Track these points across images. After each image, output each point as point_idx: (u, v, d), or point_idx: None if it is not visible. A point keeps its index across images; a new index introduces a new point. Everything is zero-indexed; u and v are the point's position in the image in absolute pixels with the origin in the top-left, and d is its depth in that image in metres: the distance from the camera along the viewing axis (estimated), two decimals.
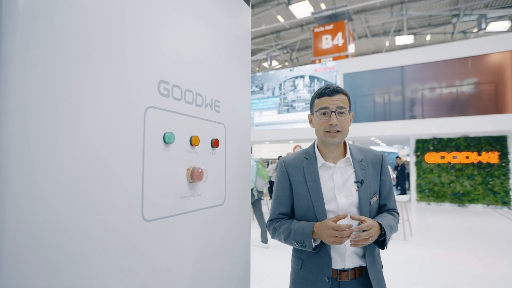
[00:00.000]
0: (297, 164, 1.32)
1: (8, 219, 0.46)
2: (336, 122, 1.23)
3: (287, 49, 19.21)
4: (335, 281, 1.23)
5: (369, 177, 1.28)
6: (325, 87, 1.29)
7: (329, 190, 1.26)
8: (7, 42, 0.48)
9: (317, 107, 1.28)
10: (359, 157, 1.32)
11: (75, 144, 0.57)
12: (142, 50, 0.71)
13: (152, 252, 0.71)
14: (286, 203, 1.33)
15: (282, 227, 1.28)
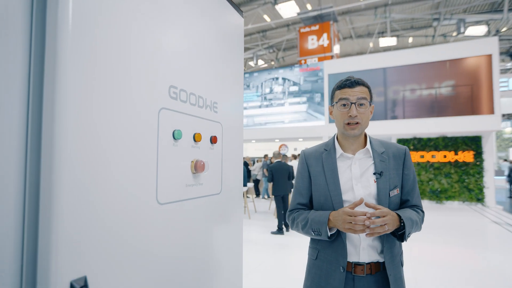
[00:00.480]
0: (316, 155, 1.33)
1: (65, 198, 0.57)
2: (356, 114, 1.20)
3: (273, 49, 19.36)
4: (349, 275, 1.20)
5: (389, 169, 1.24)
6: (346, 78, 1.27)
7: (346, 180, 1.24)
8: (61, 58, 0.59)
9: (337, 98, 1.26)
10: (380, 149, 1.28)
11: (111, 141, 0.68)
12: (157, 62, 0.82)
13: (165, 230, 0.83)
14: (305, 193, 1.33)
15: (300, 217, 1.28)
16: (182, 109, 0.92)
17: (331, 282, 1.20)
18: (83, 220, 0.62)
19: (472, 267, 4.27)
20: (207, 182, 1.04)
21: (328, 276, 1.21)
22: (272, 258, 4.69)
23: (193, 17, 0.99)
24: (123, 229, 0.70)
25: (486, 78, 9.42)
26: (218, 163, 1.11)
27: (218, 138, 1.11)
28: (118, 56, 0.71)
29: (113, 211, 0.68)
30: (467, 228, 6.78)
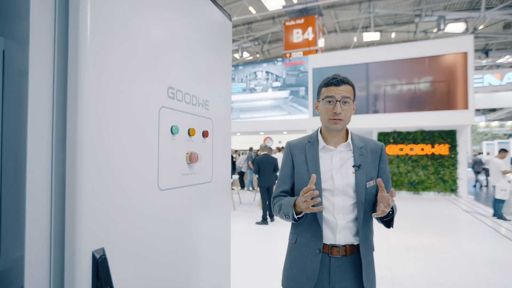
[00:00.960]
0: (300, 146, 1.41)
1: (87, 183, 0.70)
2: (340, 111, 1.29)
3: (259, 41, 19.37)
4: (326, 256, 1.30)
5: (367, 163, 1.34)
6: (332, 77, 1.34)
7: (327, 170, 1.33)
8: (81, 66, 0.71)
9: (323, 95, 1.34)
10: (359, 144, 1.38)
11: (122, 135, 0.80)
12: (158, 66, 0.94)
13: (165, 212, 0.97)
14: (288, 181, 1.42)
15: (278, 203, 1.39)
16: (179, 107, 1.04)
17: (308, 263, 1.30)
18: (100, 200, 0.74)
19: (442, 252, 4.60)
20: (200, 171, 1.17)
21: (305, 257, 1.32)
22: (257, 247, 4.87)
23: (188, 28, 1.12)
24: (131, 210, 0.84)
25: (462, 74, 9.84)
26: (209, 154, 1.24)
27: (209, 132, 1.24)
28: (128, 62, 0.83)
29: (123, 195, 0.81)
30: (440, 217, 7.18)
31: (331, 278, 1.29)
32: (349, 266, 1.30)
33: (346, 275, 1.29)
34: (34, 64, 0.68)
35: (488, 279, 3.55)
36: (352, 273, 1.30)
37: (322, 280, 1.30)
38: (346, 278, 1.29)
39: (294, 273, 1.36)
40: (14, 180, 0.74)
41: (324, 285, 1.30)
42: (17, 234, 0.74)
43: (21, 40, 0.75)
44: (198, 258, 1.17)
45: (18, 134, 0.73)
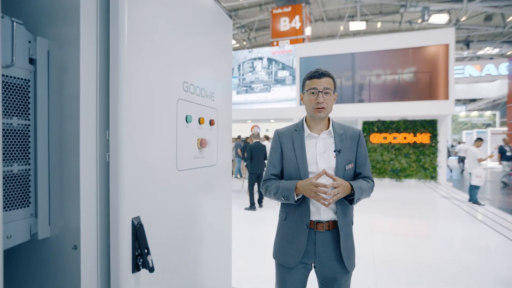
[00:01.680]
0: (287, 134, 1.54)
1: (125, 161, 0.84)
2: (322, 101, 1.42)
3: (245, 28, 19.27)
4: (312, 231, 1.46)
5: (346, 148, 1.49)
6: (315, 70, 1.48)
7: (312, 155, 1.47)
8: (120, 65, 0.85)
9: (307, 87, 1.48)
10: (339, 131, 1.52)
11: (150, 124, 0.95)
12: (177, 63, 1.09)
13: (182, 189, 1.13)
14: (277, 166, 1.54)
15: (273, 185, 1.49)
16: (191, 99, 1.19)
17: (297, 236, 1.46)
18: (135, 178, 0.89)
19: (421, 235, 4.93)
20: (208, 155, 1.33)
21: (294, 232, 1.47)
22: (247, 231, 5.09)
23: (198, 33, 1.27)
24: (158, 187, 0.99)
25: (443, 66, 10.18)
26: (215, 141, 1.40)
27: (215, 121, 1.39)
28: (153, 60, 0.97)
29: (152, 174, 0.96)
30: (420, 202, 7.57)
31: (316, 250, 1.46)
32: (331, 239, 1.46)
33: (329, 246, 1.46)
34: (83, 63, 0.81)
35: (462, 259, 3.88)
36: (333, 244, 1.47)
37: (309, 252, 1.47)
38: (328, 249, 1.46)
39: (284, 246, 1.51)
40: (63, 162, 0.88)
41: (310, 255, 1.47)
42: (62, 210, 0.89)
43: (62, 41, 0.88)
44: (207, 227, 1.34)
45: (67, 119, 0.87)
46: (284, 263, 1.50)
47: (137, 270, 0.88)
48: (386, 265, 3.59)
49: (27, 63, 0.85)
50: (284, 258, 1.50)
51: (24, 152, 0.85)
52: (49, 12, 0.90)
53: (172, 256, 1.09)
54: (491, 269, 3.51)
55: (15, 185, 0.83)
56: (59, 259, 0.88)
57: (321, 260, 1.47)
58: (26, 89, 0.86)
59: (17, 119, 0.84)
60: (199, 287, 1.30)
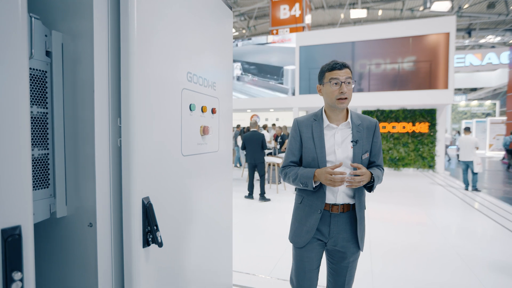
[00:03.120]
0: (307, 123, 1.59)
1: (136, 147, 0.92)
2: (346, 91, 1.46)
3: (245, 16, 19.09)
4: (327, 213, 1.55)
5: (363, 138, 1.54)
6: (334, 62, 1.52)
7: (330, 145, 1.54)
8: (130, 57, 0.92)
9: (328, 78, 1.50)
10: (357, 122, 1.57)
11: (158, 113, 1.02)
12: (181, 55, 1.16)
13: (187, 172, 1.22)
14: (296, 153, 1.61)
15: (292, 172, 1.57)
16: (195, 88, 1.26)
17: (309, 220, 1.56)
18: (145, 161, 0.98)
19: (416, 221, 5.06)
20: (210, 142, 1.41)
21: (307, 215, 1.57)
22: (247, 218, 5.22)
23: (200, 23, 1.33)
24: (165, 170, 1.08)
25: (443, 55, 10.16)
26: (216, 128, 1.48)
27: (217, 109, 1.47)
28: (161, 54, 1.04)
29: (160, 158, 1.05)
30: (417, 191, 7.70)
31: (331, 230, 1.55)
32: (345, 221, 1.56)
33: (343, 228, 1.56)
34: (97, 54, 0.88)
35: (457, 246, 4.01)
36: (347, 226, 1.56)
37: (323, 233, 1.56)
38: (342, 230, 1.56)
39: (296, 227, 1.62)
40: (78, 147, 0.96)
41: (325, 236, 1.56)
42: (77, 190, 0.97)
43: (75, 35, 0.95)
44: (210, 208, 1.44)
45: (75, 107, 0.94)
46: (296, 243, 1.60)
47: (147, 245, 0.97)
48: (381, 251, 3.71)
49: (44, 55, 0.92)
50: (295, 239, 1.60)
51: (43, 138, 0.93)
52: (63, 7, 0.96)
53: (179, 232, 1.19)
54: (484, 255, 3.63)
55: (36, 167, 0.91)
56: (76, 236, 0.97)
57: (335, 240, 1.56)
58: (44, 79, 0.93)
59: (37, 107, 0.91)
60: (201, 265, 1.40)
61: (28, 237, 0.65)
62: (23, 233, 0.64)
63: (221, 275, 1.60)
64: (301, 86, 11.93)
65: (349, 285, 1.64)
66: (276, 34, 14.19)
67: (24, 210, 0.65)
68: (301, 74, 11.88)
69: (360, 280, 2.94)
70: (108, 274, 0.95)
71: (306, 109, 12.95)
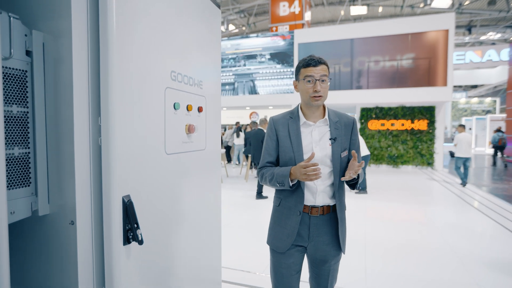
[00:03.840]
0: (283, 122, 1.53)
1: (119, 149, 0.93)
2: (320, 89, 1.41)
3: (245, 13, 19.03)
4: (306, 215, 1.48)
5: (341, 136, 1.50)
6: (310, 58, 1.44)
7: (308, 143, 1.48)
8: (109, 56, 0.92)
9: (303, 75, 1.44)
10: (334, 119, 1.52)
11: (139, 110, 1.03)
12: (164, 54, 1.16)
13: (171, 171, 1.23)
14: (273, 153, 1.55)
15: (268, 172, 1.51)
16: (179, 87, 1.27)
17: (289, 222, 1.49)
18: (126, 160, 0.99)
19: (412, 219, 5.07)
20: (196, 140, 1.42)
21: (287, 218, 1.50)
22: (242, 217, 5.23)
23: (186, 19, 1.32)
24: (148, 168, 1.09)
25: (442, 52, 10.14)
26: (203, 126, 1.48)
27: (203, 107, 1.47)
28: (143, 53, 1.05)
29: (141, 156, 1.06)
30: (415, 188, 7.71)
31: (311, 234, 1.49)
32: (325, 223, 1.50)
33: (323, 231, 1.49)
34: (75, 54, 0.89)
35: (452, 243, 4.02)
36: (328, 228, 1.50)
37: (303, 236, 1.49)
38: (323, 233, 1.49)
39: (276, 231, 1.54)
40: (60, 146, 0.97)
41: (304, 240, 1.50)
42: (60, 189, 0.98)
43: (56, 34, 0.96)
44: (196, 207, 1.45)
45: (58, 106, 0.95)
46: (276, 248, 1.53)
47: (128, 242, 0.98)
48: (376, 248, 3.73)
49: (24, 55, 0.93)
50: (276, 243, 1.53)
51: (23, 137, 0.94)
52: (43, 6, 0.96)
53: (164, 230, 1.20)
54: (482, 254, 3.62)
55: (16, 166, 0.92)
56: (58, 233, 0.98)
57: (315, 243, 1.50)
58: (24, 79, 0.94)
59: (17, 106, 0.92)
60: (188, 262, 1.41)
61: (2, 236, 0.66)
62: None
63: (210, 272, 1.62)
64: None
65: (332, 286, 1.61)
66: (275, 31, 14.16)
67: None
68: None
69: (353, 278, 2.96)
70: (89, 271, 0.96)
71: None
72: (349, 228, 4.36)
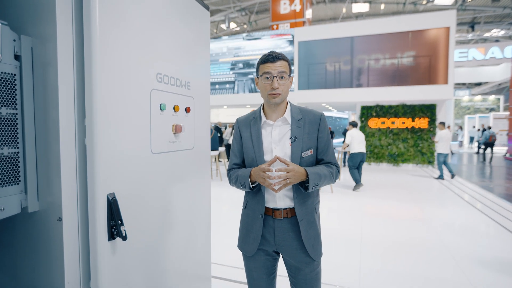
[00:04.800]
0: (246, 122, 1.50)
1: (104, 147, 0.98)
2: (277, 86, 1.35)
3: (246, 11, 19.03)
4: (270, 218, 1.43)
5: (304, 134, 1.42)
6: (268, 53, 1.39)
7: (268, 144, 1.43)
8: (93, 60, 0.97)
9: (261, 72, 1.39)
10: (297, 116, 1.44)
11: (124, 111, 1.07)
12: (149, 56, 1.20)
13: (157, 170, 1.27)
14: (238, 155, 1.53)
15: (234, 175, 1.50)
16: (166, 88, 1.31)
17: (254, 225, 1.45)
18: (110, 159, 1.03)
19: (410, 217, 5.10)
20: (184, 140, 1.46)
21: (252, 221, 1.47)
22: None
23: (172, 23, 1.37)
24: (132, 167, 1.13)
25: (443, 49, 10.11)
26: (191, 126, 1.53)
27: (191, 108, 1.51)
28: (126, 54, 1.09)
29: (126, 155, 1.10)
30: (414, 187, 7.72)
31: (276, 238, 1.43)
32: (290, 227, 1.43)
33: (288, 235, 1.43)
34: (60, 58, 0.94)
35: (448, 241, 4.05)
36: (293, 232, 1.43)
37: (268, 240, 1.45)
38: (288, 237, 1.43)
39: (244, 235, 1.52)
40: (49, 146, 1.01)
41: (270, 243, 1.45)
42: (49, 186, 1.02)
43: (44, 39, 1.00)
44: (184, 206, 1.49)
45: (46, 108, 1.00)
46: (244, 251, 1.51)
47: (112, 238, 1.03)
48: (372, 246, 3.76)
49: (13, 59, 0.97)
50: (244, 247, 1.51)
51: (13, 137, 0.99)
52: (31, 12, 1.01)
53: (151, 227, 1.24)
54: (480, 253, 3.62)
55: (5, 165, 0.97)
56: (47, 229, 1.02)
57: (283, 248, 1.45)
58: (13, 82, 0.98)
59: (6, 108, 0.96)
60: (175, 258, 1.46)
61: None
62: None
63: (199, 267, 1.67)
64: (300, 82, 11.93)
65: None
66: (276, 29, 14.15)
67: None
68: (300, 69, 11.87)
69: (348, 276, 3.00)
70: (76, 265, 1.01)
71: (305, 104, 12.94)
72: (345, 226, 4.41)
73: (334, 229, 4.39)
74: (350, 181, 8.21)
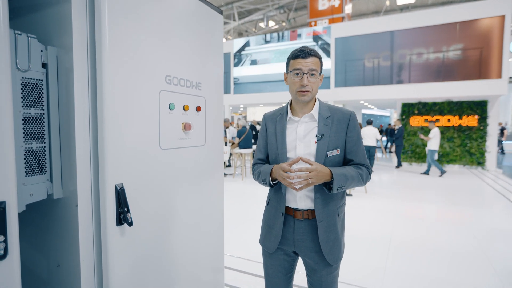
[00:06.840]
0: (273, 118, 1.50)
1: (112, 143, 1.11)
2: (307, 83, 1.32)
3: (284, 9, 18.95)
4: (291, 218, 1.42)
5: (331, 132, 1.37)
6: (300, 49, 1.36)
7: (292, 140, 1.41)
8: (104, 67, 1.10)
9: (291, 67, 1.36)
10: (325, 114, 1.40)
11: (134, 110, 1.20)
12: (158, 60, 1.32)
13: (165, 163, 1.40)
14: (263, 150, 1.54)
15: (257, 170, 1.52)
16: (175, 89, 1.43)
17: (275, 223, 1.47)
18: (120, 153, 1.16)
19: (447, 221, 4.82)
20: (194, 137, 1.57)
21: (273, 218, 1.48)
22: None
23: (182, 31, 1.48)
24: (142, 161, 1.26)
25: (497, 40, 9.30)
26: (202, 124, 1.63)
27: (202, 107, 1.62)
28: (135, 63, 1.22)
29: (134, 150, 1.23)
30: (464, 190, 7.23)
31: (295, 238, 1.43)
32: (309, 229, 1.41)
33: (308, 236, 1.41)
34: (76, 64, 1.08)
35: (485, 246, 3.79)
36: (311, 234, 1.41)
37: (288, 239, 1.45)
38: (307, 239, 1.41)
39: (265, 231, 1.53)
40: (71, 141, 1.17)
41: (290, 243, 1.45)
42: (71, 176, 1.18)
43: (67, 48, 1.15)
44: (194, 199, 1.60)
45: (69, 108, 1.15)
46: (265, 247, 1.52)
47: (120, 224, 1.16)
48: (401, 248, 3.64)
49: (40, 67, 1.14)
50: (265, 243, 1.52)
51: (40, 134, 1.15)
52: (56, 26, 1.17)
53: (154, 216, 1.36)
54: None
55: (34, 158, 1.13)
56: (68, 214, 1.18)
57: (300, 249, 1.44)
58: (40, 86, 1.15)
59: (34, 109, 1.13)
60: (185, 248, 1.57)
61: (11, 210, 0.86)
62: (7, 206, 0.85)
63: (212, 260, 1.77)
64: (336, 79, 11.67)
65: None
66: (314, 26, 13.96)
67: (8, 190, 0.86)
68: (336, 67, 11.61)
69: (370, 277, 2.95)
70: (90, 246, 1.16)
71: (342, 102, 12.64)
72: (375, 227, 4.29)
73: (363, 230, 4.30)
74: (384, 181, 7.91)
